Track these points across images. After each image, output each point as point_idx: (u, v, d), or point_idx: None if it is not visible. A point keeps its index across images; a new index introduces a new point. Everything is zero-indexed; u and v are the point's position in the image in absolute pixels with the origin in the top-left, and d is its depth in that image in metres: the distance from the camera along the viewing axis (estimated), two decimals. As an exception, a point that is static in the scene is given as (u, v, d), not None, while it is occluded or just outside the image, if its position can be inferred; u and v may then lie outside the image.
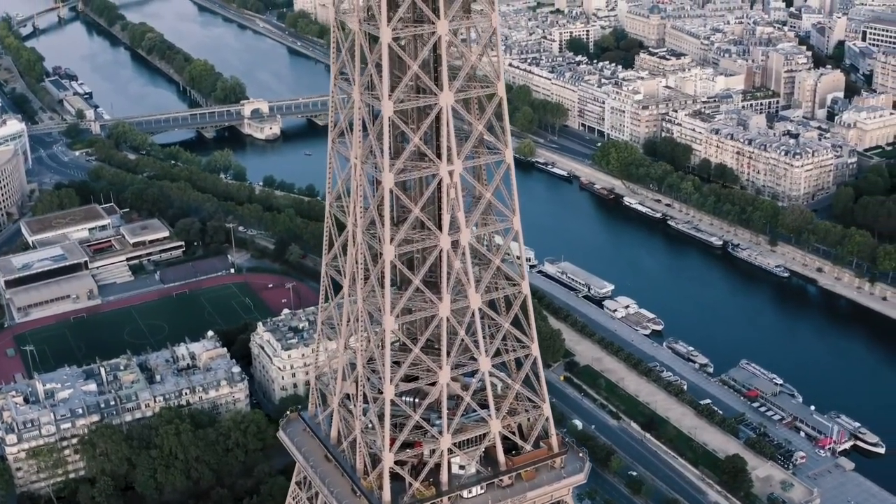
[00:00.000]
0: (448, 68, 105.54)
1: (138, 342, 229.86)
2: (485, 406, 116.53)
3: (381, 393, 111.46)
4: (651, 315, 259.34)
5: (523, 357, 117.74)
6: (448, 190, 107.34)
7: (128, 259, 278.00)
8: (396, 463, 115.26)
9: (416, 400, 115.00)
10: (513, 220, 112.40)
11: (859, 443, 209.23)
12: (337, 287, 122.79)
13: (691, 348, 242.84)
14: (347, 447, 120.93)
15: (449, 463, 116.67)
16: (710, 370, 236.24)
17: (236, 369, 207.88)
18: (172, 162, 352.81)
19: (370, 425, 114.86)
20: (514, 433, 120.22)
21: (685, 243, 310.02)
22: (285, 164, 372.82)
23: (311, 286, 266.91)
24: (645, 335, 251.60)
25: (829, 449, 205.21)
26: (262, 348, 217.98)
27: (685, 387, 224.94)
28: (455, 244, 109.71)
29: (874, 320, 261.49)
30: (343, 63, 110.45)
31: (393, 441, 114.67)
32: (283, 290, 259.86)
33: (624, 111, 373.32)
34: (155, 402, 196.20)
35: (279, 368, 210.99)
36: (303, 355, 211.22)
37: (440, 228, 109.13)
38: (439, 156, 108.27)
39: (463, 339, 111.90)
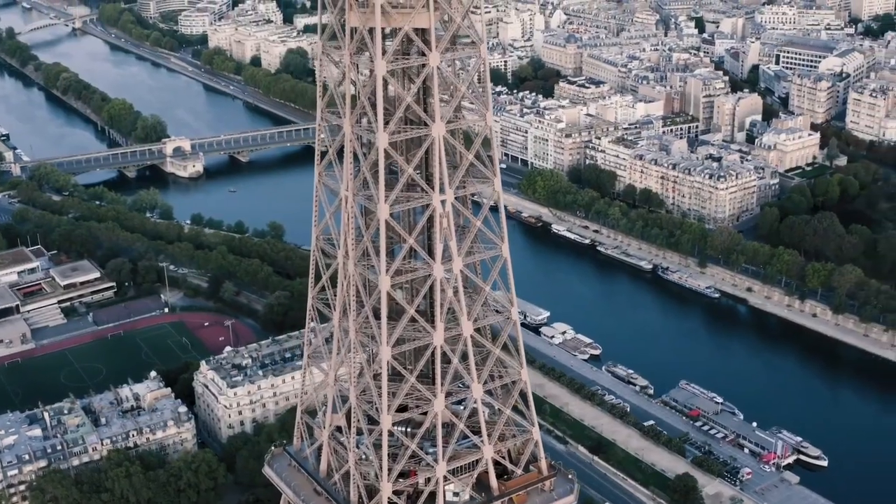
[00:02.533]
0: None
1: (76, 385, 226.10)
2: (476, 432, 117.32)
3: (376, 424, 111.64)
4: (588, 340, 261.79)
5: (511, 383, 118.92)
6: (441, 219, 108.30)
7: (59, 301, 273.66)
8: (393, 493, 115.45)
9: (409, 429, 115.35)
10: (502, 248, 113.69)
11: (802, 457, 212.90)
12: (323, 319, 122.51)
13: (631, 371, 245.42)
14: (340, 480, 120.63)
15: (444, 490, 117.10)
16: (651, 392, 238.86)
17: (183, 409, 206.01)
18: (97, 202, 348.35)
19: (363, 456, 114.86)
20: (504, 458, 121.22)
21: (615, 268, 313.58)
22: (211, 201, 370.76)
23: (247, 323, 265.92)
24: (584, 360, 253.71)
25: (774, 464, 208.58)
26: (207, 387, 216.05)
27: (628, 409, 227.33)
28: (447, 273, 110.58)
29: (805, 337, 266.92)
30: (330, 96, 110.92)
31: (389, 471, 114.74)
32: (220, 329, 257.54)
33: (547, 140, 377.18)
34: (102, 444, 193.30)
35: (225, 406, 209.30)
36: (248, 392, 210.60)
37: (433, 258, 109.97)
38: (431, 186, 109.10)
39: (455, 367, 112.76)
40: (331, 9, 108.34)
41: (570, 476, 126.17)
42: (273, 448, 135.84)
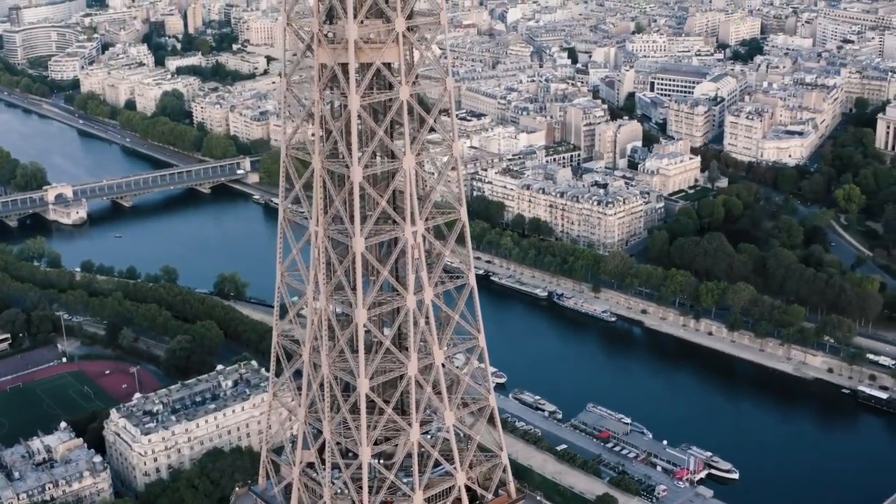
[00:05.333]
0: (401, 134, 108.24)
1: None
2: (448, 459, 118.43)
3: (354, 457, 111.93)
4: (493, 369, 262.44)
5: (479, 408, 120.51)
6: (412, 251, 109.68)
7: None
8: None
9: (381, 461, 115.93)
10: (469, 277, 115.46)
11: (714, 471, 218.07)
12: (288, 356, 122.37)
13: (538, 397, 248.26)
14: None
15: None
16: (560, 416, 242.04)
17: (98, 459, 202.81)
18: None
19: (339, 491, 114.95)
20: (475, 483, 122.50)
21: (511, 297, 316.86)
22: (97, 247, 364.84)
23: (148, 369, 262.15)
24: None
25: (687, 479, 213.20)
26: (119, 435, 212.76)
27: (540, 434, 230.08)
28: (419, 303, 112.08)
29: (702, 354, 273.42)
30: (296, 130, 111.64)
31: None
32: (122, 376, 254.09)
33: (433, 173, 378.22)
34: (19, 499, 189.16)
35: (140, 454, 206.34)
36: (163, 439, 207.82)
37: (406, 288, 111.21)
38: (402, 218, 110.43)
39: (428, 396, 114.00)
40: (297, 45, 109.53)
41: (538, 498, 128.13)
42: (237, 488, 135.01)
